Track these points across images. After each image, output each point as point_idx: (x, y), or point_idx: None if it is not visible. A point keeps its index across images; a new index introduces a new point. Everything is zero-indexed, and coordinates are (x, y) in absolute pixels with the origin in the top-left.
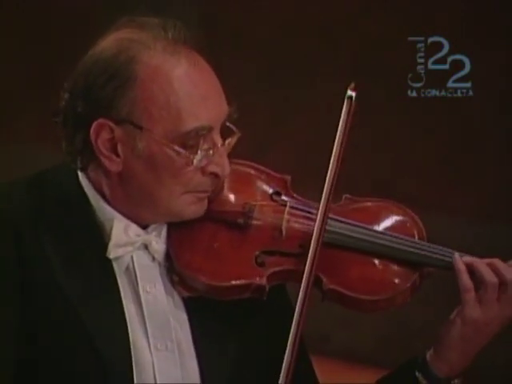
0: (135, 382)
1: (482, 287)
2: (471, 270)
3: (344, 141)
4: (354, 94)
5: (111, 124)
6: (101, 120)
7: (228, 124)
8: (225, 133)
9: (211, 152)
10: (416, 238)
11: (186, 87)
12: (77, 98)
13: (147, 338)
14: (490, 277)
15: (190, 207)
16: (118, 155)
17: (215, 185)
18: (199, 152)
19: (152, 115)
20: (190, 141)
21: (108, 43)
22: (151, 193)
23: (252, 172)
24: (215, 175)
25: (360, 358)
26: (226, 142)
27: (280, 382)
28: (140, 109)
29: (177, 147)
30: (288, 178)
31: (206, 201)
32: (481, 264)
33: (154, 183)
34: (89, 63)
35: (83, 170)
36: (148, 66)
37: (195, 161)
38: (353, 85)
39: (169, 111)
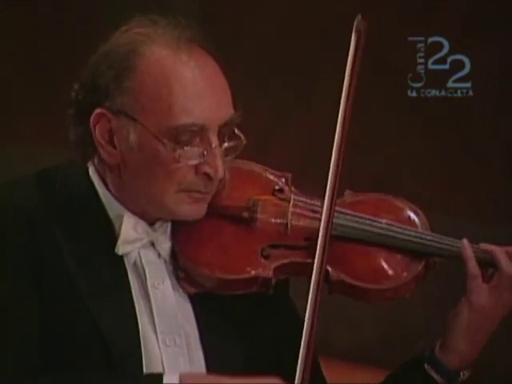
0: None
1: (497, 275)
2: (491, 257)
3: (353, 85)
4: (362, 28)
5: (109, 114)
6: (99, 110)
7: (236, 131)
8: (231, 137)
9: (205, 152)
10: (420, 227)
11: (182, 82)
12: (81, 87)
13: (156, 333)
14: (507, 267)
15: (184, 206)
16: (115, 147)
17: (209, 187)
18: (185, 147)
19: (144, 107)
20: (181, 136)
21: (116, 35)
22: (145, 187)
23: (254, 170)
24: (208, 176)
25: (360, 358)
26: (224, 145)
27: (296, 382)
28: (134, 100)
29: (165, 140)
30: (289, 175)
31: (203, 204)
32: (501, 252)
33: (147, 177)
34: (97, 54)
35: (85, 162)
36: (148, 58)
37: (177, 153)
38: (360, 17)
39: (161, 104)
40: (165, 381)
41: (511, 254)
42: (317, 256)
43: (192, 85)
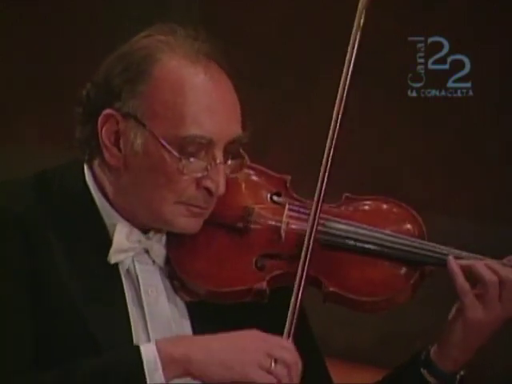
0: None
1: (483, 288)
2: (470, 272)
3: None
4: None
5: (118, 116)
6: (109, 110)
7: (241, 151)
8: (235, 156)
9: (209, 167)
10: (416, 236)
11: (196, 94)
12: (94, 85)
13: (149, 340)
14: (489, 276)
15: (181, 219)
16: (119, 149)
17: (209, 203)
18: (191, 159)
19: (156, 113)
20: (188, 147)
21: (136, 39)
22: (143, 194)
23: (251, 173)
24: (208, 191)
25: (360, 357)
26: (228, 161)
27: None
28: (146, 105)
29: (171, 148)
30: (288, 177)
31: (201, 219)
32: (479, 264)
33: (148, 184)
34: (115, 56)
35: (89, 162)
36: (165, 66)
37: (182, 164)
38: None
39: (173, 113)
40: (142, 351)
41: (490, 266)
42: (300, 262)
43: (206, 98)
